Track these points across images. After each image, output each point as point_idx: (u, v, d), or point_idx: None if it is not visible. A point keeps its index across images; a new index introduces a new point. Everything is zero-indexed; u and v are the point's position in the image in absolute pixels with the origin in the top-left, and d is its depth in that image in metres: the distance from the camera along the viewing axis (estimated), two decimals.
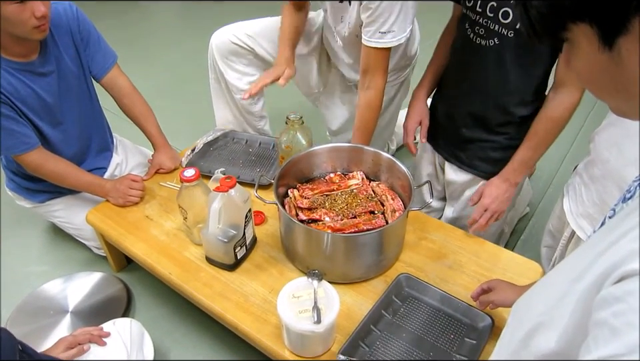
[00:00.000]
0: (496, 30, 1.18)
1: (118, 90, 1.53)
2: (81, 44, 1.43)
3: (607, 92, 0.52)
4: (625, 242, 0.48)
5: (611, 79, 0.49)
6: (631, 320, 0.42)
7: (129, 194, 1.42)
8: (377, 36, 1.30)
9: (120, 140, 1.73)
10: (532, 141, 1.27)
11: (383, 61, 1.36)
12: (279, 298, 1.00)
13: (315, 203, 1.26)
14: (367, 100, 1.42)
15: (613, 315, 0.44)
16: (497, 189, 1.32)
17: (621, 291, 0.44)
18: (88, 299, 1.46)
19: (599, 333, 0.45)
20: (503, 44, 1.18)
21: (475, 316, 1.10)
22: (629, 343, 0.42)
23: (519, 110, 1.29)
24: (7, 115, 1.28)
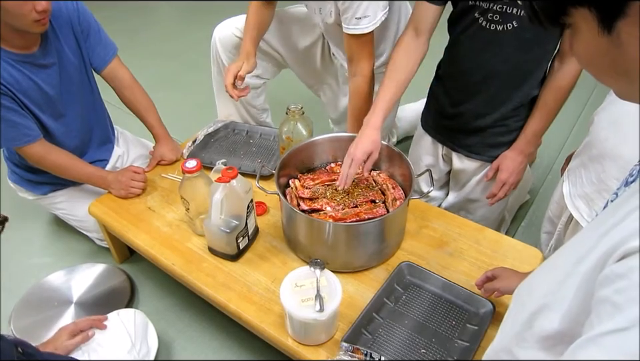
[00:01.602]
0: (514, 14, 1.17)
1: (119, 82, 1.53)
2: (82, 36, 1.42)
3: (608, 75, 0.52)
4: (627, 222, 0.49)
5: (612, 62, 0.50)
6: (632, 295, 0.43)
7: (131, 186, 1.42)
8: (353, 22, 1.30)
9: (121, 132, 1.73)
10: (543, 111, 1.29)
11: (365, 47, 1.36)
12: (282, 287, 1.01)
13: (316, 193, 1.26)
14: (355, 88, 1.42)
15: (615, 291, 0.45)
16: (513, 162, 1.35)
17: (623, 268, 0.45)
18: (92, 290, 1.48)
19: (601, 309, 0.47)
20: (523, 25, 1.17)
21: (476, 302, 1.11)
22: (630, 317, 0.43)
23: (533, 90, 1.30)
24: (9, 107, 1.28)
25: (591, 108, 2.27)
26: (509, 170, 1.35)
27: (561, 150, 2.09)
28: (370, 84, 1.42)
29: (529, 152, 1.36)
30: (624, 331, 0.43)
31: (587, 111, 2.28)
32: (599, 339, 0.46)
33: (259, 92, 1.79)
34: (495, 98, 1.32)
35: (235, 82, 1.45)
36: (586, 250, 0.55)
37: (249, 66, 1.46)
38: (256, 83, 1.76)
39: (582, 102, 2.33)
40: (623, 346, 0.44)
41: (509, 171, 1.35)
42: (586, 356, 0.47)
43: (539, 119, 1.30)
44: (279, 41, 1.69)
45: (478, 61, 1.29)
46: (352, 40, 1.35)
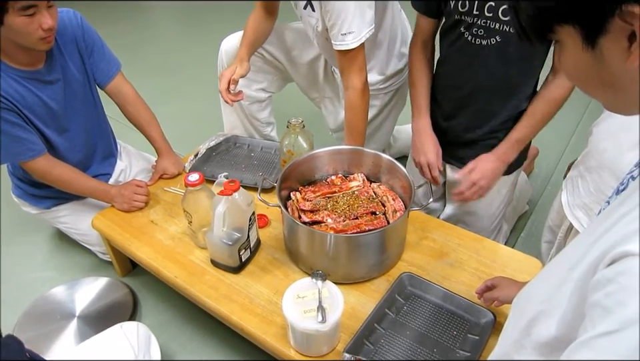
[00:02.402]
0: (497, 29, 1.21)
1: (122, 97, 1.56)
2: (86, 53, 1.45)
3: (595, 88, 0.55)
4: (616, 229, 0.51)
5: (597, 76, 0.52)
6: (621, 298, 0.45)
7: (134, 200, 1.44)
8: (339, 38, 1.34)
9: (124, 147, 1.75)
10: (530, 120, 1.30)
11: (354, 61, 1.38)
12: (284, 299, 1.02)
13: (317, 205, 1.28)
14: (348, 101, 1.45)
15: (605, 295, 0.47)
16: (488, 165, 1.34)
17: (613, 272, 0.47)
18: (94, 304, 1.48)
19: (593, 313, 0.48)
20: (506, 40, 1.21)
21: (477, 312, 1.11)
22: (620, 319, 0.44)
23: (522, 104, 1.32)
24: (14, 122, 1.30)
25: (589, 118, 2.30)
26: (482, 171, 1.34)
27: (559, 160, 2.11)
28: (362, 97, 1.43)
29: (507, 160, 1.35)
30: (615, 333, 0.45)
31: (584, 122, 2.31)
32: (591, 342, 0.48)
33: (263, 106, 1.82)
34: (483, 112, 1.35)
35: (229, 87, 1.47)
36: (579, 257, 0.57)
37: (243, 70, 1.49)
38: (261, 96, 1.79)
39: (580, 112, 2.36)
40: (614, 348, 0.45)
41: (482, 173, 1.34)
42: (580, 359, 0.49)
43: (524, 127, 1.31)
44: (283, 54, 1.72)
45: (465, 75, 1.32)
46: (341, 55, 1.38)
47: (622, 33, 0.47)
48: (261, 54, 1.69)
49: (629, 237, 0.47)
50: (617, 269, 0.47)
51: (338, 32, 1.32)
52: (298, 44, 1.72)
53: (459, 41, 1.29)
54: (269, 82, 1.78)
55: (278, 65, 1.75)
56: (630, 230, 0.48)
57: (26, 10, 1.16)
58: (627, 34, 0.46)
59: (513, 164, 1.46)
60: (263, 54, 1.70)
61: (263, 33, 1.61)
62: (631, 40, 0.47)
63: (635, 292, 0.44)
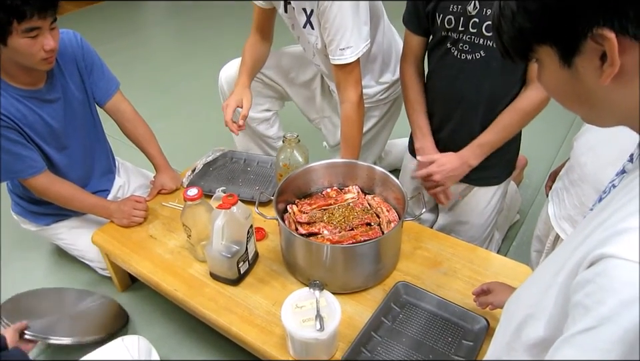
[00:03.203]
0: (481, 44, 1.27)
1: (121, 115, 1.59)
2: (85, 72, 1.49)
3: (572, 102, 0.59)
4: (595, 234, 0.55)
5: (573, 91, 0.57)
6: (599, 297, 0.49)
7: (133, 215, 1.46)
8: (338, 53, 1.39)
9: (122, 163, 1.78)
10: (495, 127, 1.35)
11: (350, 75, 1.43)
12: (283, 309, 1.04)
13: (313, 217, 1.31)
14: (345, 114, 1.49)
15: (585, 295, 0.51)
16: (448, 163, 1.38)
17: (591, 274, 0.50)
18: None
19: (575, 313, 0.52)
20: (489, 55, 1.27)
21: (470, 318, 1.15)
22: (598, 316, 0.48)
23: None
24: (16, 140, 1.33)
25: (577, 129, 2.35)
26: (439, 166, 1.38)
27: (549, 171, 2.16)
28: (358, 110, 1.48)
29: (470, 163, 1.38)
30: (593, 329, 0.49)
31: (572, 133, 2.37)
32: (572, 339, 0.51)
33: (271, 123, 1.88)
34: (470, 123, 1.39)
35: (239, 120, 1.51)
36: (562, 262, 0.61)
37: (248, 101, 1.53)
38: (266, 116, 1.85)
39: (567, 124, 2.42)
40: (593, 343, 0.49)
41: (439, 167, 1.38)
42: (562, 355, 0.52)
43: (489, 132, 1.35)
44: (281, 77, 1.78)
45: (452, 88, 1.37)
46: (338, 70, 1.43)
47: (595, 53, 0.51)
48: (260, 79, 1.75)
49: (606, 241, 0.51)
50: (595, 270, 0.51)
51: (336, 47, 1.37)
52: (294, 66, 1.78)
53: (446, 56, 1.34)
54: (271, 103, 1.85)
55: (277, 88, 1.81)
56: (607, 234, 0.52)
57: (29, 32, 1.20)
58: (599, 54, 0.51)
59: (502, 174, 1.51)
60: (262, 78, 1.76)
61: (260, 58, 1.66)
62: (603, 60, 0.51)
63: (612, 291, 0.48)
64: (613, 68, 0.50)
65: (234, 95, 1.54)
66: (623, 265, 0.48)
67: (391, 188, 1.34)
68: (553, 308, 0.60)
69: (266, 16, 1.61)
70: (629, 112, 0.55)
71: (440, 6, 1.29)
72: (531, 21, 0.54)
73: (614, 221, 0.53)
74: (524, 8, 0.53)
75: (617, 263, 0.48)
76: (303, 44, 1.61)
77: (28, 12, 1.17)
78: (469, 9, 1.24)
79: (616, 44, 0.49)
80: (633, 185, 0.56)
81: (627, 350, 0.47)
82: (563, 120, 2.42)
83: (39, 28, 1.21)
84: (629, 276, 0.47)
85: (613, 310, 0.47)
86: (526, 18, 0.54)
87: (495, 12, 0.58)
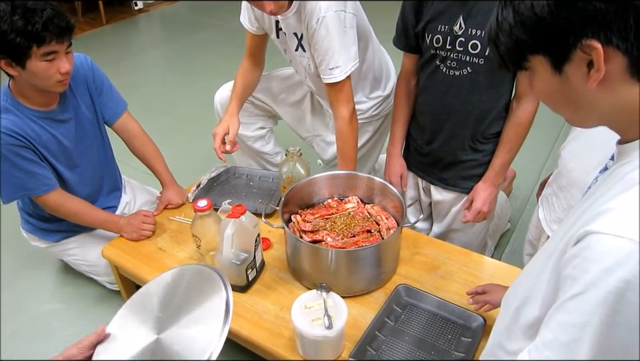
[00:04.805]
0: (467, 61, 1.37)
1: (129, 133, 1.66)
2: (95, 93, 1.56)
3: (561, 106, 0.68)
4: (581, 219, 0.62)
5: (563, 96, 0.65)
6: (585, 267, 0.56)
7: (143, 228, 1.52)
8: (327, 72, 1.48)
9: (127, 181, 1.84)
10: (507, 146, 1.46)
11: (341, 93, 1.52)
12: (293, 309, 1.10)
13: (316, 226, 1.38)
14: (338, 130, 1.58)
15: (572, 267, 0.58)
16: (484, 192, 1.50)
17: (577, 249, 0.58)
18: None
19: (565, 285, 0.59)
20: (476, 71, 1.37)
21: (468, 317, 1.21)
22: (583, 283, 0.56)
23: (493, 127, 1.47)
24: (31, 159, 1.40)
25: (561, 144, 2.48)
26: (482, 199, 1.50)
27: (536, 182, 2.26)
28: (351, 125, 1.56)
29: (497, 183, 1.52)
30: (580, 295, 0.56)
31: (556, 148, 2.48)
32: (562, 306, 0.59)
33: (266, 140, 1.96)
34: (459, 135, 1.49)
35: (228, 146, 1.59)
36: (553, 248, 0.68)
37: (235, 128, 1.62)
38: (261, 133, 1.94)
39: (551, 140, 2.54)
40: (579, 307, 0.56)
41: (482, 201, 1.50)
42: (554, 322, 0.59)
43: (504, 153, 1.47)
44: (271, 99, 1.88)
45: (442, 103, 1.47)
46: (329, 88, 1.52)
47: (583, 61, 0.60)
48: (250, 102, 1.85)
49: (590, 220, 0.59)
50: (581, 246, 0.58)
51: (326, 67, 1.47)
52: (284, 88, 1.88)
53: (436, 73, 1.45)
54: (263, 122, 1.94)
55: (268, 108, 1.90)
56: (591, 216, 0.60)
57: (47, 55, 1.28)
58: (586, 62, 0.59)
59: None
60: (252, 101, 1.85)
61: (250, 84, 1.76)
62: (590, 67, 0.59)
63: (594, 261, 0.56)
64: (599, 74, 0.58)
65: (222, 124, 1.62)
66: (604, 238, 0.55)
67: (389, 197, 1.42)
68: (546, 288, 0.67)
69: (258, 42, 1.70)
70: (610, 114, 0.64)
71: (428, 26, 1.40)
72: (527, 34, 0.62)
73: (597, 205, 0.61)
74: (521, 23, 0.61)
75: (599, 237, 0.55)
76: (296, 67, 1.71)
77: (47, 37, 1.25)
78: (455, 29, 1.35)
79: (602, 53, 0.57)
80: (614, 175, 0.64)
81: (608, 312, 0.54)
82: (549, 135, 2.54)
83: (56, 52, 1.29)
84: (610, 247, 0.54)
85: (596, 276, 0.55)
86: (522, 31, 0.62)
87: (492, 26, 0.66)
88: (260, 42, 1.71)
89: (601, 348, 0.56)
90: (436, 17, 1.38)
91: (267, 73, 1.88)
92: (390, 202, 1.43)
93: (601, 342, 0.55)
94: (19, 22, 1.21)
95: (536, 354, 0.62)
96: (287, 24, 1.51)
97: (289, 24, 1.51)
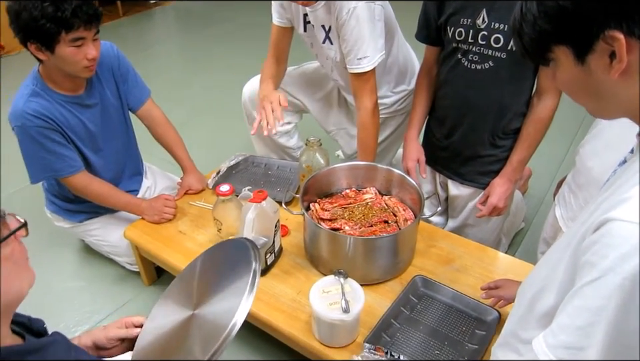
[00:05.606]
0: (489, 55, 1.38)
1: (152, 120, 1.70)
2: (120, 80, 1.60)
3: (583, 97, 0.69)
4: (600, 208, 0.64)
5: (585, 86, 0.66)
6: (603, 252, 0.57)
7: (164, 212, 1.56)
8: (355, 62, 1.50)
9: (149, 167, 1.88)
10: (526, 142, 1.46)
11: (366, 84, 1.54)
12: (311, 292, 1.13)
13: (335, 214, 1.40)
14: (361, 121, 1.60)
15: (591, 254, 0.59)
16: (501, 188, 1.50)
17: (597, 235, 0.59)
18: None
19: (583, 270, 0.60)
20: (498, 65, 1.38)
21: (483, 310, 1.23)
22: (601, 268, 0.57)
23: (514, 123, 1.47)
24: (59, 141, 1.44)
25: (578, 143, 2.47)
26: (498, 195, 1.50)
27: (552, 183, 2.26)
28: (373, 117, 1.58)
29: (515, 179, 1.52)
30: (597, 280, 0.57)
31: (574, 146, 2.47)
32: (579, 291, 0.60)
33: (290, 135, 2.00)
34: (479, 130, 1.50)
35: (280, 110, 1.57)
36: (570, 238, 0.69)
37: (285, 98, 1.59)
38: (286, 128, 1.97)
39: (568, 141, 2.53)
40: (596, 292, 0.57)
41: (498, 196, 1.50)
42: (571, 306, 0.61)
43: (523, 149, 1.47)
44: (300, 92, 1.91)
45: (463, 96, 1.48)
46: (355, 79, 1.55)
47: (605, 52, 0.61)
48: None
49: (609, 208, 0.60)
50: (600, 232, 0.59)
51: (354, 57, 1.49)
52: (312, 82, 1.91)
53: (457, 66, 1.45)
54: (291, 117, 1.97)
55: (297, 102, 1.93)
56: (611, 204, 0.61)
57: (75, 42, 1.32)
58: (608, 53, 0.60)
59: None
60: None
61: (278, 77, 1.79)
62: (612, 58, 0.61)
63: (613, 246, 0.57)
64: (621, 64, 0.60)
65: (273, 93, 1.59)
66: (623, 225, 0.56)
67: (407, 189, 1.44)
68: (562, 277, 0.68)
69: (283, 36, 1.72)
70: (631, 104, 0.64)
71: (451, 19, 1.41)
72: (550, 24, 0.63)
73: (617, 194, 0.62)
74: (545, 13, 0.63)
75: (618, 224, 0.57)
76: (322, 61, 1.73)
77: (76, 23, 1.29)
78: (478, 22, 1.36)
79: (624, 44, 0.58)
80: (634, 166, 0.65)
81: (625, 297, 0.55)
82: (566, 134, 2.53)
83: (84, 38, 1.33)
84: (628, 233, 0.56)
85: (614, 262, 0.56)
86: (546, 21, 0.63)
87: (516, 17, 0.67)
88: (285, 37, 1.73)
89: (616, 333, 0.57)
90: (458, 10, 1.39)
91: (295, 68, 1.91)
92: (408, 195, 1.45)
93: (616, 327, 0.57)
94: (49, 8, 1.25)
95: (551, 339, 0.63)
96: (315, 16, 1.53)
97: (317, 16, 1.53)
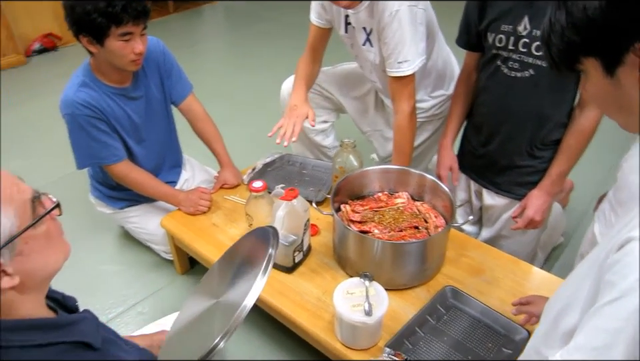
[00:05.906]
0: (530, 63, 1.34)
1: (193, 114, 1.75)
2: (165, 75, 1.66)
3: (613, 110, 0.67)
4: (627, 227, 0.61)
5: (615, 100, 0.65)
6: (625, 272, 0.56)
7: (200, 204, 1.61)
8: (395, 66, 1.49)
9: (188, 159, 1.94)
10: (566, 154, 1.41)
11: (405, 88, 1.53)
12: (335, 293, 1.14)
13: (365, 217, 1.40)
14: (397, 124, 1.59)
15: (613, 273, 0.58)
16: (538, 200, 1.46)
17: (620, 254, 0.58)
18: None
19: (604, 289, 0.59)
20: (538, 73, 1.34)
21: (513, 328, 1.19)
22: (622, 288, 0.55)
23: (554, 134, 1.42)
24: (104, 130, 1.51)
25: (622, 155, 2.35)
26: (535, 208, 1.45)
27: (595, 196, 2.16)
28: (410, 120, 1.57)
29: (553, 192, 1.46)
30: (618, 300, 0.56)
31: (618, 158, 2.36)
32: (599, 310, 0.58)
33: (327, 134, 2.01)
34: (517, 139, 1.46)
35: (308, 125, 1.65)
36: (598, 254, 0.67)
37: (313, 114, 1.64)
38: (323, 127, 1.98)
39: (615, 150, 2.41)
40: (616, 313, 0.56)
41: (535, 209, 1.45)
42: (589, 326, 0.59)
43: (563, 161, 1.42)
44: (337, 90, 1.92)
45: (501, 104, 1.45)
46: (394, 82, 1.54)
47: (635, 65, 0.59)
48: (319, 92, 1.89)
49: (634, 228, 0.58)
50: (623, 251, 0.58)
51: (395, 61, 1.48)
52: (350, 81, 1.91)
53: (496, 73, 1.42)
54: (327, 115, 1.98)
55: (334, 100, 1.94)
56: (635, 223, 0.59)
57: (124, 36, 1.38)
58: (638, 65, 0.59)
59: None
60: (320, 91, 1.90)
61: (312, 77, 1.80)
62: None
63: (634, 266, 0.55)
64: None
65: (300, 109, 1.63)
66: None
67: (440, 195, 1.42)
68: (587, 294, 0.66)
69: (321, 36, 1.73)
70: None
71: (492, 25, 1.38)
72: (579, 35, 0.61)
73: None
74: (573, 24, 0.61)
75: None
76: (361, 62, 1.74)
77: (125, 19, 1.35)
78: (520, 29, 1.32)
79: None
80: None
81: None
82: (611, 146, 2.41)
83: (132, 33, 1.39)
84: None
85: (634, 283, 0.54)
86: (574, 32, 0.62)
87: (545, 28, 0.66)
88: (323, 37, 1.74)
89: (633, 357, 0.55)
90: (500, 16, 1.36)
91: (333, 67, 1.92)
92: (440, 201, 1.43)
93: (634, 351, 0.55)
94: (101, 4, 1.32)
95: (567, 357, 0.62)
96: (356, 18, 1.54)
97: (359, 18, 1.53)
